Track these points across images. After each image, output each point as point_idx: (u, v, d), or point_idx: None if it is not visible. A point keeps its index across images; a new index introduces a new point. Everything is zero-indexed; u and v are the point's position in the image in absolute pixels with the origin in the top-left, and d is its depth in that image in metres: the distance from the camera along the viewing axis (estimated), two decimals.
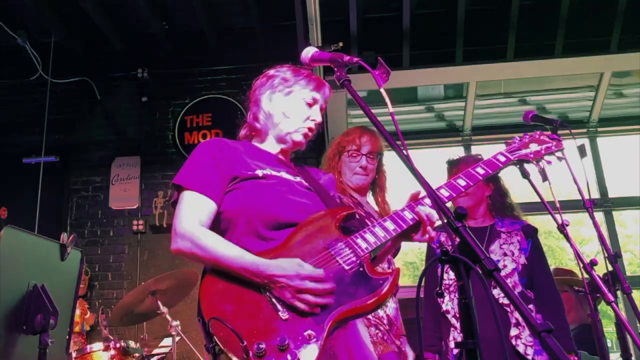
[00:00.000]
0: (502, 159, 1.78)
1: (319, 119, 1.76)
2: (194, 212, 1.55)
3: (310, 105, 1.76)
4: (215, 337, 1.36)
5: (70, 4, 4.82)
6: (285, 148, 1.78)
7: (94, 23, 4.98)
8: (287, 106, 1.75)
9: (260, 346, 1.33)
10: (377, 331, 2.30)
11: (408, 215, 1.57)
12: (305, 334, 1.36)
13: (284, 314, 1.39)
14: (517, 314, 2.51)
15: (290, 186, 1.63)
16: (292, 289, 1.39)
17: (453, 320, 2.56)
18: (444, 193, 1.64)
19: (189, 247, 1.50)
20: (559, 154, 1.88)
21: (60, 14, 5.03)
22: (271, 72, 1.85)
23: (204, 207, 1.57)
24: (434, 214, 1.53)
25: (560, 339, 2.48)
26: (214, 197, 1.58)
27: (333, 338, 1.47)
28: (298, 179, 1.70)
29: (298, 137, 1.75)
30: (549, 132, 1.91)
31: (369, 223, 2.41)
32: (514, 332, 2.50)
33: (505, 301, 2.53)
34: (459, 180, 1.68)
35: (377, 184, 2.63)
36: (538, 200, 2.41)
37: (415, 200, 1.60)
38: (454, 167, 2.82)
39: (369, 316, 2.30)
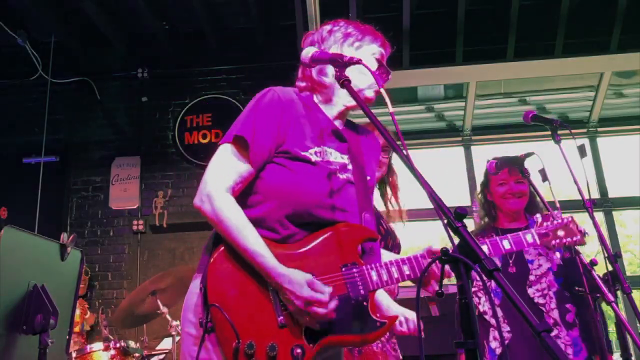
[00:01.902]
0: (530, 240, 1.83)
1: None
2: (229, 176, 1.51)
3: (378, 60, 1.67)
4: (212, 317, 1.39)
5: (70, 4, 4.82)
6: (351, 105, 1.67)
7: (94, 23, 4.98)
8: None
9: (252, 346, 1.37)
10: (379, 343, 2.31)
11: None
12: (294, 349, 1.40)
13: (281, 320, 1.41)
14: (554, 314, 2.54)
15: (334, 179, 1.56)
16: (294, 304, 1.40)
17: (492, 320, 2.56)
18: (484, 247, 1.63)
19: (211, 214, 1.47)
20: (578, 247, 1.93)
21: (60, 14, 5.03)
22: (328, 27, 1.73)
23: (242, 172, 1.52)
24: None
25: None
26: (256, 164, 1.52)
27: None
28: (345, 158, 1.63)
29: (370, 94, 1.65)
30: (578, 225, 1.95)
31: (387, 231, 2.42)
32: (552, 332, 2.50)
33: (541, 300, 2.55)
34: (482, 246, 1.71)
35: (388, 182, 2.60)
36: (538, 200, 2.42)
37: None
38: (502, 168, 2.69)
39: None
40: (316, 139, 1.59)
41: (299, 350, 1.40)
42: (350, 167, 1.64)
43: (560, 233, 1.91)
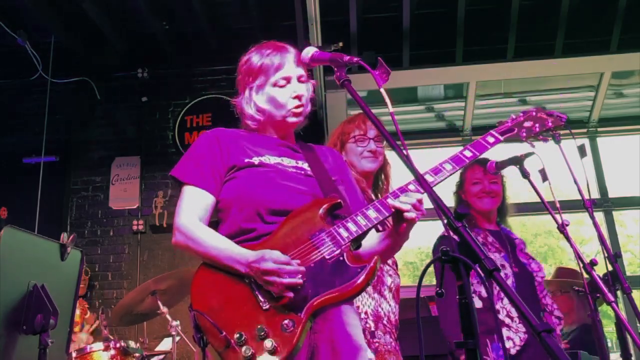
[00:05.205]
0: (491, 140, 1.70)
1: (300, 91, 1.72)
2: (192, 207, 1.63)
3: (283, 86, 1.73)
4: (201, 328, 1.46)
5: (70, 4, 4.81)
6: (283, 133, 1.78)
7: (94, 23, 4.97)
8: (265, 99, 1.74)
9: (241, 335, 1.42)
10: (390, 340, 2.25)
11: (391, 202, 1.53)
12: (283, 322, 1.42)
13: (265, 305, 1.46)
14: (557, 313, 2.57)
15: (285, 173, 1.65)
16: (259, 271, 1.44)
17: (507, 320, 2.50)
18: (429, 179, 1.57)
19: (183, 240, 1.59)
20: (559, 130, 1.74)
21: (60, 14, 5.03)
22: (240, 64, 1.84)
23: (202, 201, 1.65)
24: (412, 198, 1.48)
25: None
26: (211, 189, 1.65)
27: (316, 332, 1.51)
28: (300, 163, 1.72)
29: (291, 119, 1.74)
30: (548, 110, 1.77)
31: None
32: None
33: (544, 300, 2.58)
34: (445, 165, 1.62)
35: (383, 172, 2.49)
36: (538, 200, 2.41)
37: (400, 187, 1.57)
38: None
39: (384, 322, 2.25)
40: (261, 151, 1.69)
41: (287, 322, 1.42)
42: (307, 167, 1.71)
43: (528, 124, 1.74)
